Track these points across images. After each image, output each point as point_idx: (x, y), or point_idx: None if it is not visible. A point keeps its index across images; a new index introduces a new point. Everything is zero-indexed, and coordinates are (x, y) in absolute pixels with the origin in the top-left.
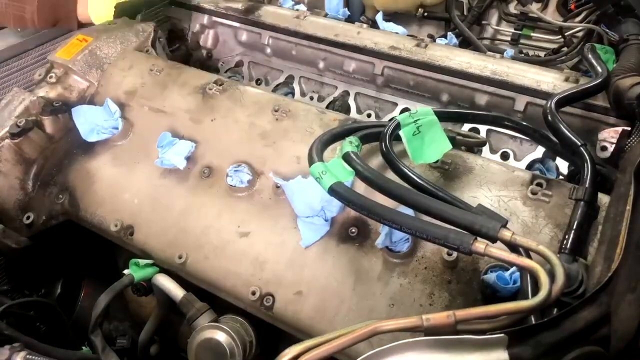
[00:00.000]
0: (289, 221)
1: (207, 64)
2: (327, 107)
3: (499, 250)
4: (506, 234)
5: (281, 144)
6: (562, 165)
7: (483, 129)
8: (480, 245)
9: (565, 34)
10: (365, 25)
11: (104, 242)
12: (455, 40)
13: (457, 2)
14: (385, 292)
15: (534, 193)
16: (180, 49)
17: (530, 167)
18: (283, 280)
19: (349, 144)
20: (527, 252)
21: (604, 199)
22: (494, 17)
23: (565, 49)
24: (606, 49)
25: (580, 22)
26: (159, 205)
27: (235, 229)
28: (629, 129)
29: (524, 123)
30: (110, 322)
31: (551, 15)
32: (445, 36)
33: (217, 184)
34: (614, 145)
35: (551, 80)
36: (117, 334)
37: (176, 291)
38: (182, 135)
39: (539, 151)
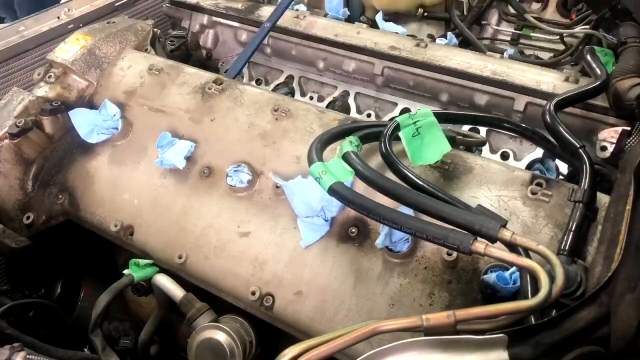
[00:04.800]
0: (289, 221)
1: (207, 63)
2: (327, 107)
3: (498, 250)
4: (506, 233)
5: (281, 143)
6: (562, 165)
7: (483, 128)
8: (480, 245)
9: (565, 39)
10: (365, 25)
11: (103, 242)
12: (455, 40)
13: (457, 2)
14: (385, 292)
15: (533, 193)
16: (180, 48)
17: (530, 167)
18: (283, 280)
19: (349, 144)
20: (527, 252)
21: (604, 199)
22: (494, 17)
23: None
24: (605, 52)
25: (577, 23)
26: (158, 205)
27: (235, 229)
28: (628, 129)
29: (523, 125)
30: (110, 322)
31: (551, 15)
32: (445, 36)
33: (217, 184)
34: (613, 145)
35: (551, 81)
36: (118, 334)
37: (176, 291)
38: (182, 135)
39: (539, 151)
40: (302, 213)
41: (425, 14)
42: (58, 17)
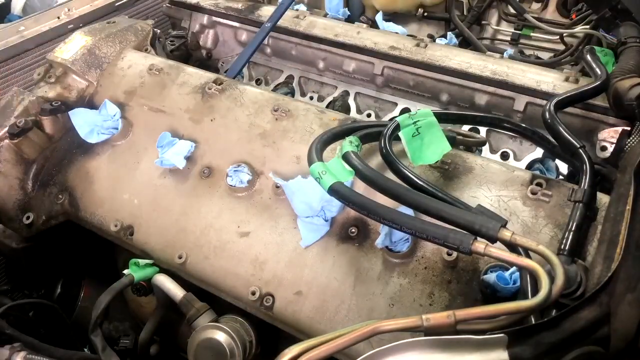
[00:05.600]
0: (289, 221)
1: (207, 63)
2: (327, 107)
3: (498, 250)
4: (506, 233)
5: (281, 143)
6: (562, 165)
7: (483, 128)
8: (480, 245)
9: (565, 39)
10: (365, 25)
11: (104, 242)
12: (455, 40)
13: (457, 2)
14: (385, 292)
15: (533, 193)
16: (180, 48)
17: (530, 167)
18: (283, 280)
19: (349, 144)
20: (527, 252)
21: (604, 199)
22: (494, 17)
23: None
24: (605, 52)
25: (577, 23)
26: (158, 206)
27: (235, 229)
28: (628, 129)
29: (523, 125)
30: (110, 322)
31: (551, 15)
32: (445, 36)
33: (217, 184)
34: (613, 145)
35: (551, 80)
36: (118, 334)
37: (176, 291)
38: (182, 135)
39: (539, 151)
40: (302, 213)
41: (425, 14)
42: (58, 17)
